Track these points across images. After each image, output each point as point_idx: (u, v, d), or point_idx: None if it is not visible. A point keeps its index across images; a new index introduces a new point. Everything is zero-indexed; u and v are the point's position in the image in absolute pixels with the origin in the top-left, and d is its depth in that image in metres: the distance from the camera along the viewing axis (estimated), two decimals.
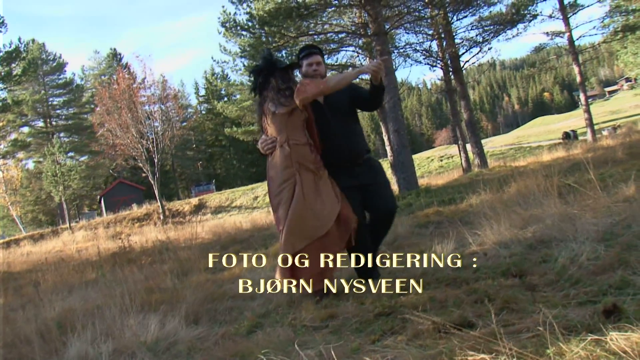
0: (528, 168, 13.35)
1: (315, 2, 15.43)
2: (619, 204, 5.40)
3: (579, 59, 28.13)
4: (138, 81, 39.42)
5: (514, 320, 2.74)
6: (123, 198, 48.68)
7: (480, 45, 22.99)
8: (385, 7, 16.50)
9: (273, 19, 15.20)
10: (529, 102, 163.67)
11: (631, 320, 2.27)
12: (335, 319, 3.55)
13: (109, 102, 35.52)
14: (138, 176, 47.14)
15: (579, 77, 27.49)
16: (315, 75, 4.31)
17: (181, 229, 19.26)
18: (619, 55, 41.91)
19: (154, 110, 38.37)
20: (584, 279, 3.34)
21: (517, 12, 23.50)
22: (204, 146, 72.57)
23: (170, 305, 4.85)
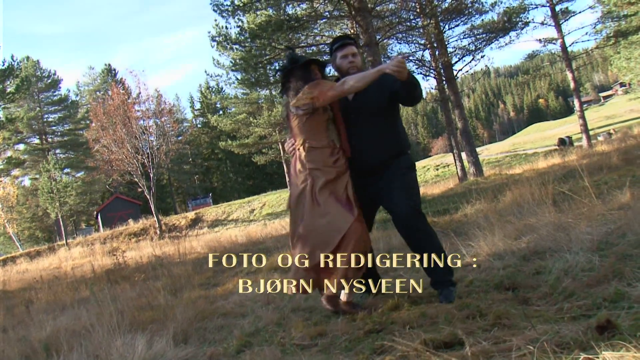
0: (523, 176, 13.32)
1: (305, 14, 15.45)
2: (614, 212, 5.35)
3: (572, 65, 28.18)
4: (133, 96, 39.40)
5: (505, 337, 2.66)
6: (120, 213, 48.52)
7: (473, 53, 23.03)
8: (376, 18, 16.51)
9: (263, 32, 15.18)
10: (525, 108, 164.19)
11: (625, 337, 2.20)
12: (324, 337, 3.47)
13: (103, 117, 35.48)
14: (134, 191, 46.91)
15: (572, 83, 27.51)
16: (351, 68, 3.98)
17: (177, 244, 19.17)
18: (612, 60, 42.04)
19: (149, 125, 38.34)
20: (578, 291, 3.27)
21: (509, 20, 23.57)
22: (200, 160, 72.48)
23: (160, 324, 4.77)
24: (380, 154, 3.96)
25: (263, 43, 16.05)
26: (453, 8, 21.62)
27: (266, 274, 7.46)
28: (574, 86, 27.64)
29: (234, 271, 8.90)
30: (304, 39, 17.97)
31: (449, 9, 21.63)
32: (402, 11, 19.62)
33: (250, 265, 8.90)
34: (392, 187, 3.91)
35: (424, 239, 3.88)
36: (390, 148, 4.00)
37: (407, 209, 3.83)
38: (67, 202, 41.55)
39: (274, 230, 17.08)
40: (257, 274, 7.82)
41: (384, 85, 3.92)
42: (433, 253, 3.85)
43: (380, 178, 3.95)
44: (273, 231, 16.67)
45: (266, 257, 8.88)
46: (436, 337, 2.80)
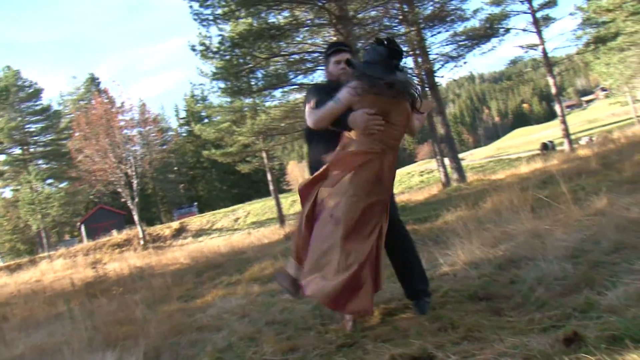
0: (505, 181, 13.36)
1: (287, 22, 15.43)
2: (590, 218, 5.36)
3: (555, 70, 28.42)
4: (117, 105, 39.19)
5: (474, 350, 2.63)
6: (103, 224, 48.17)
7: (455, 60, 23.10)
8: (358, 26, 16.53)
9: (244, 41, 15.14)
10: (509, 113, 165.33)
11: (590, 350, 2.17)
12: (296, 351, 3.42)
13: (86, 127, 35.26)
14: (119, 201, 46.64)
15: (554, 88, 27.74)
16: (342, 75, 3.89)
17: (161, 254, 19.06)
18: (592, 65, 42.52)
19: (133, 135, 38.16)
20: (551, 301, 3.26)
21: (491, 27, 23.68)
22: (185, 168, 72.16)
23: (133, 340, 4.69)
24: None
25: (244, 52, 16.02)
26: (435, 15, 21.70)
27: (246, 284, 7.41)
28: (556, 91, 27.87)
29: (214, 283, 8.83)
30: (285, 47, 17.94)
31: (431, 16, 21.71)
32: (384, 18, 19.66)
33: (230, 277, 8.84)
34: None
35: (401, 248, 3.87)
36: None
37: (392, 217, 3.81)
38: (50, 214, 41.18)
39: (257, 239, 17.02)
40: (237, 285, 7.76)
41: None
42: (410, 263, 3.84)
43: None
44: (256, 240, 16.61)
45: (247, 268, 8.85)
46: (405, 352, 2.77)
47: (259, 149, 27.97)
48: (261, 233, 21.02)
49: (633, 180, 7.67)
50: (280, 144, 30.85)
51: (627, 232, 4.28)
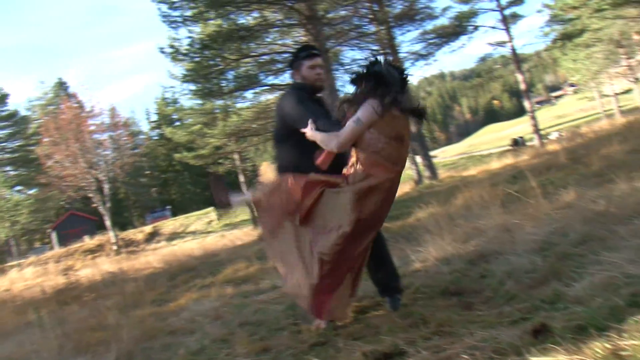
0: (476, 178, 13.49)
1: (256, 23, 15.39)
2: (558, 211, 5.42)
3: (523, 67, 28.76)
4: (87, 110, 38.65)
5: (445, 345, 2.65)
6: (75, 230, 47.44)
7: (425, 58, 23.27)
8: (327, 25, 16.55)
9: (214, 42, 15.06)
10: (480, 110, 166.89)
11: (557, 340, 2.19)
12: (268, 352, 3.42)
13: (55, 132, 34.72)
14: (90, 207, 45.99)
15: (523, 84, 28.06)
16: (318, 80, 3.87)
17: (134, 259, 18.86)
18: (560, 62, 43.14)
19: (104, 139, 37.69)
20: (520, 294, 3.30)
21: (460, 25, 23.89)
22: (157, 172, 71.46)
23: (105, 346, 4.63)
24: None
25: (214, 53, 15.93)
26: (404, 14, 21.81)
27: (219, 287, 7.37)
28: (525, 88, 28.21)
29: (187, 286, 8.76)
30: (255, 48, 17.87)
31: (401, 14, 21.82)
32: (353, 18, 19.70)
33: (204, 279, 8.79)
34: None
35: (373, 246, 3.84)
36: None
37: None
38: (19, 221, 40.45)
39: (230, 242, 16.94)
40: (210, 287, 7.71)
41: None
42: (382, 260, 3.85)
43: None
44: (229, 242, 16.54)
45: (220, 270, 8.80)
46: (377, 349, 2.78)
47: (231, 150, 27.85)
48: (234, 235, 20.93)
49: (600, 174, 7.80)
50: (252, 145, 30.72)
51: (593, 224, 4.35)
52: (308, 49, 4.02)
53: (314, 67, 3.85)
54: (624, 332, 2.12)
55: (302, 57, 3.90)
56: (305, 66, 3.86)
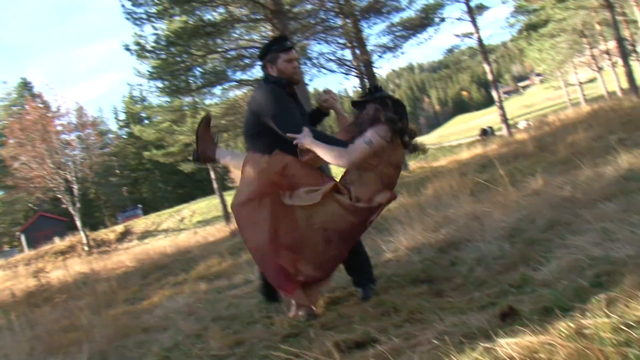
0: (446, 168, 13.62)
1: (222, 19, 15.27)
2: (526, 198, 5.51)
3: (490, 58, 29.03)
4: (53, 110, 38.04)
5: (416, 332, 2.68)
6: (45, 232, 46.66)
7: (393, 50, 23.34)
8: (294, 20, 16.50)
9: (179, 39, 14.92)
10: (449, 101, 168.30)
11: (525, 322, 2.24)
12: (242, 345, 3.43)
13: (20, 133, 34.14)
14: (60, 208, 45.32)
15: (490, 75, 28.32)
16: (294, 74, 3.80)
17: (106, 259, 18.67)
18: (526, 52, 43.65)
19: (71, 139, 37.18)
20: (489, 280, 3.35)
21: (426, 17, 24.00)
22: (127, 171, 70.76)
23: (78, 346, 4.60)
24: None
25: (180, 50, 15.77)
26: (371, 7, 21.81)
27: (193, 283, 7.35)
28: (492, 78, 28.47)
29: (160, 283, 8.73)
30: (222, 44, 17.73)
31: (367, 7, 21.81)
32: (320, 11, 19.66)
33: (177, 276, 8.75)
34: None
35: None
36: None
37: None
38: None
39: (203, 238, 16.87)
40: (183, 284, 7.69)
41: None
42: (355, 252, 3.84)
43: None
44: (202, 239, 16.47)
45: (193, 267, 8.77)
46: (349, 338, 2.81)
47: None
48: (207, 231, 20.83)
49: (566, 161, 7.94)
50: (222, 142, 30.53)
51: (560, 209, 4.43)
52: (283, 41, 3.90)
53: (290, 61, 3.79)
54: (587, 311, 2.18)
55: (278, 50, 3.80)
56: (281, 59, 3.77)
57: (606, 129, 10.11)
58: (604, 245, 3.11)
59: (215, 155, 3.71)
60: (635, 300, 2.10)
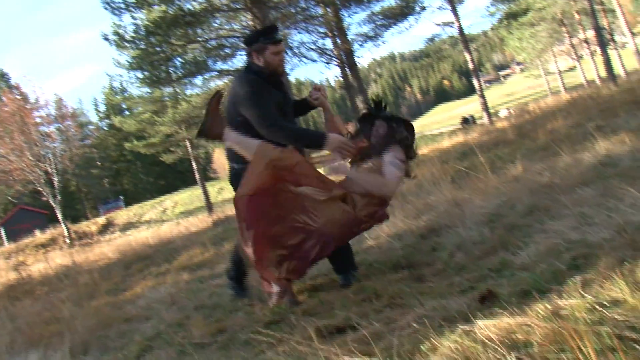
0: (428, 156, 13.66)
1: (202, 8, 15.17)
2: (506, 184, 5.55)
3: (472, 46, 29.14)
4: (31, 102, 37.57)
5: (396, 316, 2.71)
6: (25, 225, 46.11)
7: (374, 39, 23.32)
8: (274, 9, 16.42)
9: (159, 28, 14.79)
10: (431, 90, 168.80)
11: (503, 305, 2.27)
12: (224, 333, 3.44)
13: None
14: (40, 200, 44.86)
15: (471, 64, 28.43)
16: (280, 66, 3.79)
17: (88, 251, 18.56)
18: (507, 41, 43.91)
19: (51, 131, 36.79)
20: (469, 264, 3.38)
21: (407, 5, 23.98)
22: (108, 163, 70.22)
23: (59, 338, 4.58)
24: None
25: (159, 40, 15.65)
26: None
27: (175, 273, 7.34)
28: (473, 67, 28.59)
29: (142, 274, 8.70)
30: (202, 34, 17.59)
31: None
32: (300, 0, 19.57)
33: (159, 267, 8.74)
34: None
35: None
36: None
37: None
38: None
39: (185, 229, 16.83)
40: (166, 274, 7.68)
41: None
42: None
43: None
44: (184, 230, 16.43)
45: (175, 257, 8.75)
46: (330, 323, 2.82)
47: (182, 138, 27.51)
48: (190, 222, 20.78)
49: (545, 147, 8.02)
50: None
51: (539, 195, 4.47)
52: (272, 33, 3.83)
53: (278, 53, 3.77)
54: (564, 293, 2.21)
55: (266, 42, 3.75)
56: (269, 51, 3.74)
57: (585, 116, 10.22)
58: (581, 229, 3.15)
59: (223, 134, 3.64)
60: (609, 281, 2.14)
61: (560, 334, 1.78)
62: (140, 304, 5.67)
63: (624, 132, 6.05)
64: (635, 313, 1.85)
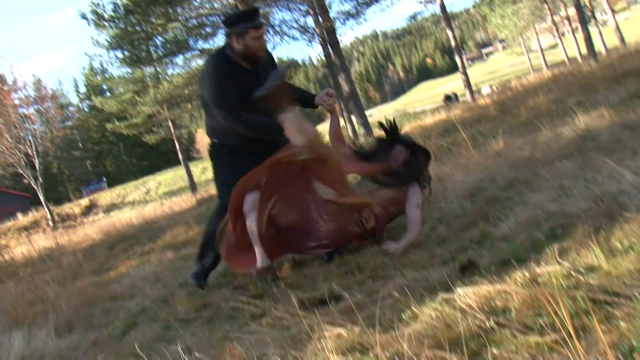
0: (410, 133, 13.68)
1: None
2: (488, 159, 5.60)
3: (454, 23, 29.07)
4: (9, 83, 37.05)
5: (378, 287, 2.75)
6: (7, 208, 45.56)
7: (355, 17, 23.19)
8: None
9: (138, 7, 14.62)
10: (414, 68, 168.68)
11: (483, 274, 2.31)
12: (208, 308, 3.48)
13: None
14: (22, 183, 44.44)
15: (453, 41, 28.39)
16: (259, 50, 3.73)
17: (72, 233, 18.46)
18: (489, 18, 43.94)
19: (30, 113, 36.38)
20: (451, 237, 3.43)
21: None
22: (90, 144, 69.66)
23: (44, 317, 4.59)
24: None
25: (139, 18, 15.47)
26: None
27: (160, 252, 7.35)
28: (455, 44, 28.56)
29: (127, 254, 8.70)
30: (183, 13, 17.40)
31: None
32: None
33: (143, 246, 8.73)
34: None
35: None
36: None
37: None
38: None
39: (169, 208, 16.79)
40: (150, 253, 7.69)
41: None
42: None
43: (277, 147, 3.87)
44: (168, 209, 16.39)
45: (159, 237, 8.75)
46: (313, 296, 2.86)
47: (164, 118, 27.34)
48: (173, 202, 20.72)
49: (527, 123, 8.07)
50: (186, 112, 30.22)
51: (520, 169, 4.52)
52: (254, 17, 3.75)
53: (259, 38, 3.72)
54: (542, 261, 2.26)
55: (248, 27, 3.69)
56: (250, 36, 3.68)
57: (565, 92, 10.26)
58: (560, 200, 3.20)
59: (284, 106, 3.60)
60: (585, 248, 2.19)
61: (537, 300, 1.82)
62: (124, 282, 5.68)
63: (603, 107, 6.08)
64: (609, 278, 1.90)
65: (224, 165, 3.91)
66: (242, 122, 3.62)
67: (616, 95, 7.26)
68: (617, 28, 34.01)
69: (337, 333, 2.04)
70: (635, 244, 2.07)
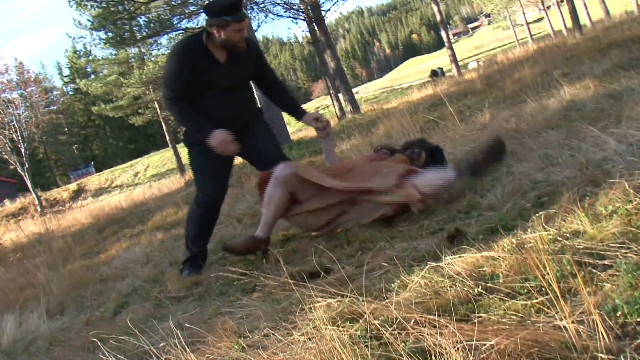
0: (397, 109, 13.68)
1: None
2: (475, 132, 5.63)
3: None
4: None
5: (367, 259, 2.77)
6: None
7: None
8: None
9: None
10: (400, 45, 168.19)
11: (470, 242, 2.34)
12: (199, 285, 3.51)
13: None
14: (8, 169, 44.12)
15: (438, 16, 28.34)
16: (240, 41, 3.67)
17: (60, 218, 18.41)
18: None
19: (13, 97, 36.03)
20: (439, 208, 3.44)
21: None
22: (76, 128, 69.19)
23: (35, 301, 4.60)
24: (252, 113, 4.06)
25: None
26: None
27: (149, 234, 7.34)
28: (440, 19, 28.50)
29: (117, 237, 8.69)
30: None
31: None
32: None
33: (133, 229, 8.72)
34: (264, 135, 4.04)
35: None
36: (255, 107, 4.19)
37: (280, 151, 4.04)
38: None
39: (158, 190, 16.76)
40: (140, 235, 7.68)
41: (253, 64, 3.97)
42: None
43: (252, 130, 3.96)
44: (157, 192, 16.35)
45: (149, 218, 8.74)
46: (303, 269, 2.88)
47: (150, 99, 27.16)
48: (162, 184, 20.67)
49: (513, 96, 8.08)
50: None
51: (506, 140, 4.53)
52: (238, 11, 3.65)
53: (240, 30, 3.67)
54: (528, 227, 2.29)
55: (231, 20, 3.62)
56: (232, 28, 3.62)
57: (551, 64, 10.28)
58: (546, 170, 3.23)
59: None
60: (571, 214, 2.21)
61: (524, 264, 1.85)
62: (115, 264, 5.70)
63: (588, 78, 6.11)
64: (593, 241, 1.93)
65: (197, 154, 3.89)
66: (175, 110, 3.71)
67: (601, 66, 7.28)
68: (602, 0, 34.00)
69: (327, 303, 2.06)
70: (618, 208, 2.09)
